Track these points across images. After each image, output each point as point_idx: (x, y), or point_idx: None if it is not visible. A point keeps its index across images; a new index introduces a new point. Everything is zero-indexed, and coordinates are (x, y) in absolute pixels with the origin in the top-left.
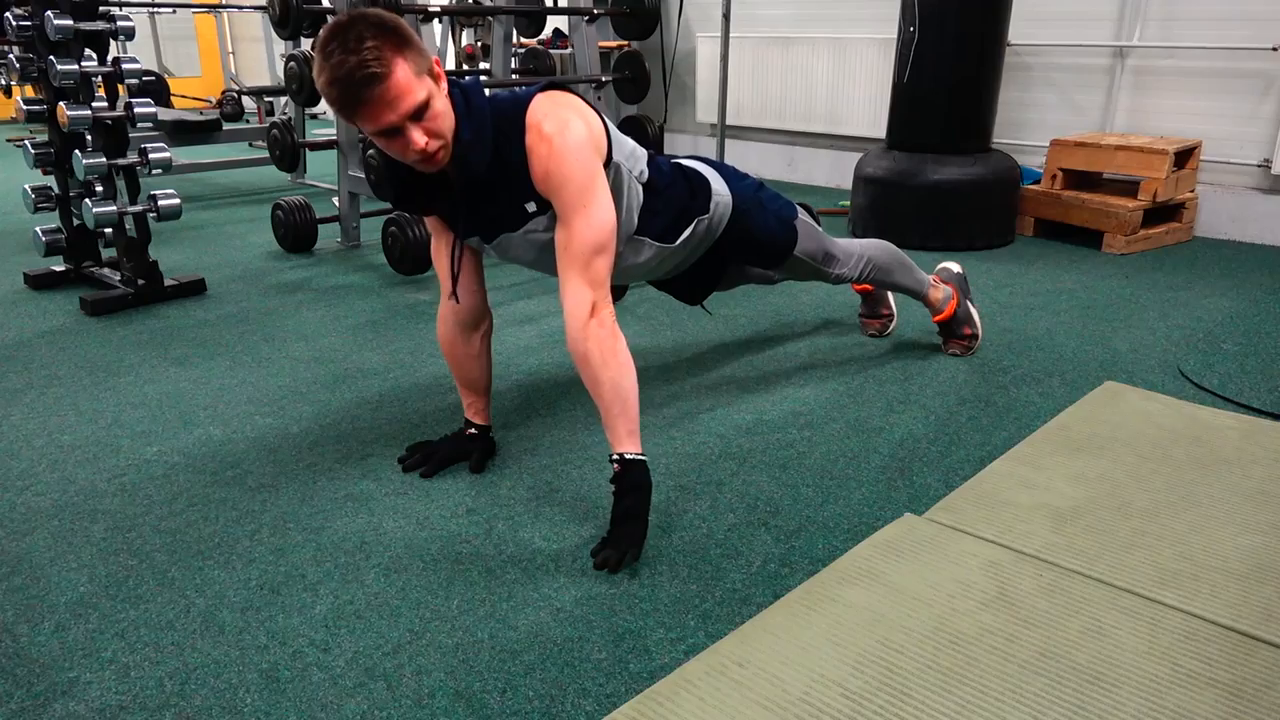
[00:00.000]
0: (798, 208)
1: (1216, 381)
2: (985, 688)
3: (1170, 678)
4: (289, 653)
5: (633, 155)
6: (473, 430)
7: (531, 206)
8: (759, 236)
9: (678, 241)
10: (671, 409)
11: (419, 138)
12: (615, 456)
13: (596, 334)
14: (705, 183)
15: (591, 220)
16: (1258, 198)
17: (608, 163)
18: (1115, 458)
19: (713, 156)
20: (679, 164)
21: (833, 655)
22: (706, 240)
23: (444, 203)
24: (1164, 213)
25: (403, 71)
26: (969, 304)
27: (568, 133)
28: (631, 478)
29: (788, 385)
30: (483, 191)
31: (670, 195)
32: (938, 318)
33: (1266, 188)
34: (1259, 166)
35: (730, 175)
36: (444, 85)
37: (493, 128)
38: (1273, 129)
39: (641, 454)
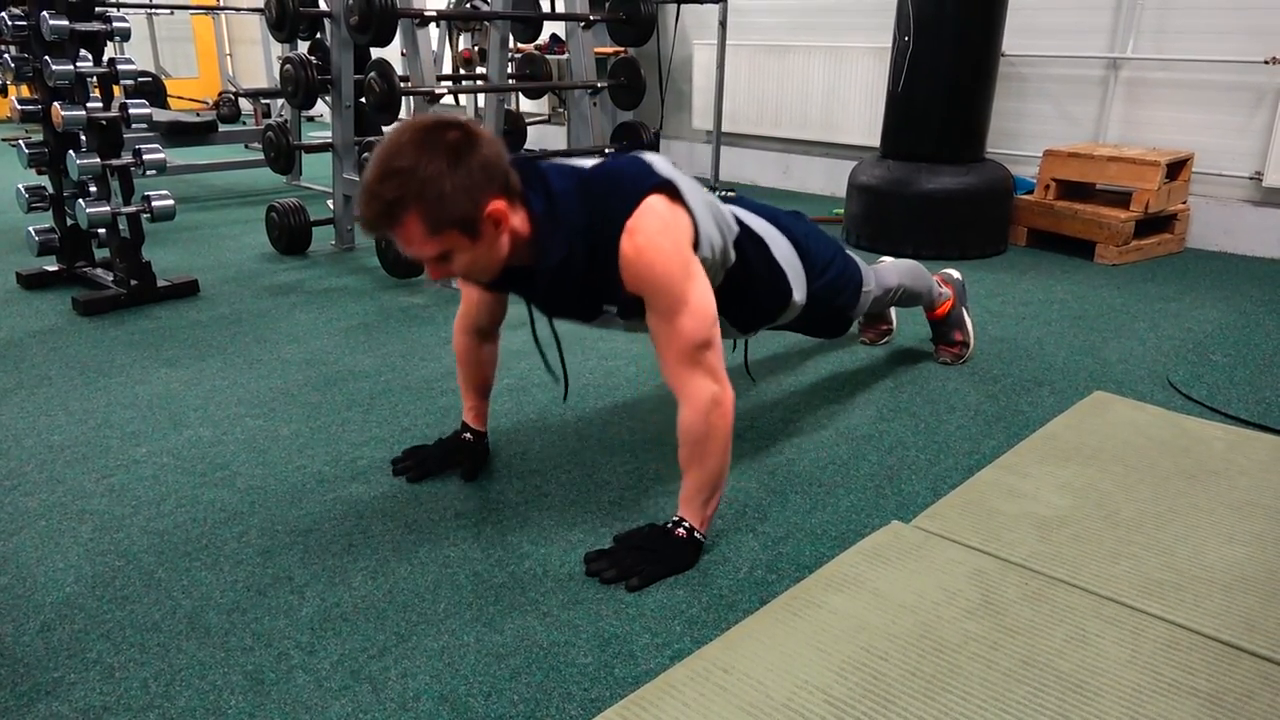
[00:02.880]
0: (863, 278)
1: (1205, 392)
2: (968, 695)
3: (1152, 687)
4: (274, 655)
5: (724, 251)
6: (468, 435)
7: (612, 309)
8: (813, 328)
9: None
10: (661, 415)
11: (433, 271)
12: (687, 524)
13: (720, 424)
14: (787, 291)
15: (694, 315)
16: (1249, 210)
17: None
18: (1103, 467)
19: (709, 164)
20: (770, 257)
21: (817, 661)
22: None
23: (514, 284)
24: (1156, 224)
25: (414, 228)
26: (964, 311)
27: (659, 239)
28: (688, 547)
29: (778, 392)
30: (564, 290)
31: (748, 291)
32: (931, 314)
33: (1258, 200)
34: (1251, 179)
35: (814, 261)
36: (509, 221)
37: (587, 234)
38: (1265, 141)
39: (706, 538)
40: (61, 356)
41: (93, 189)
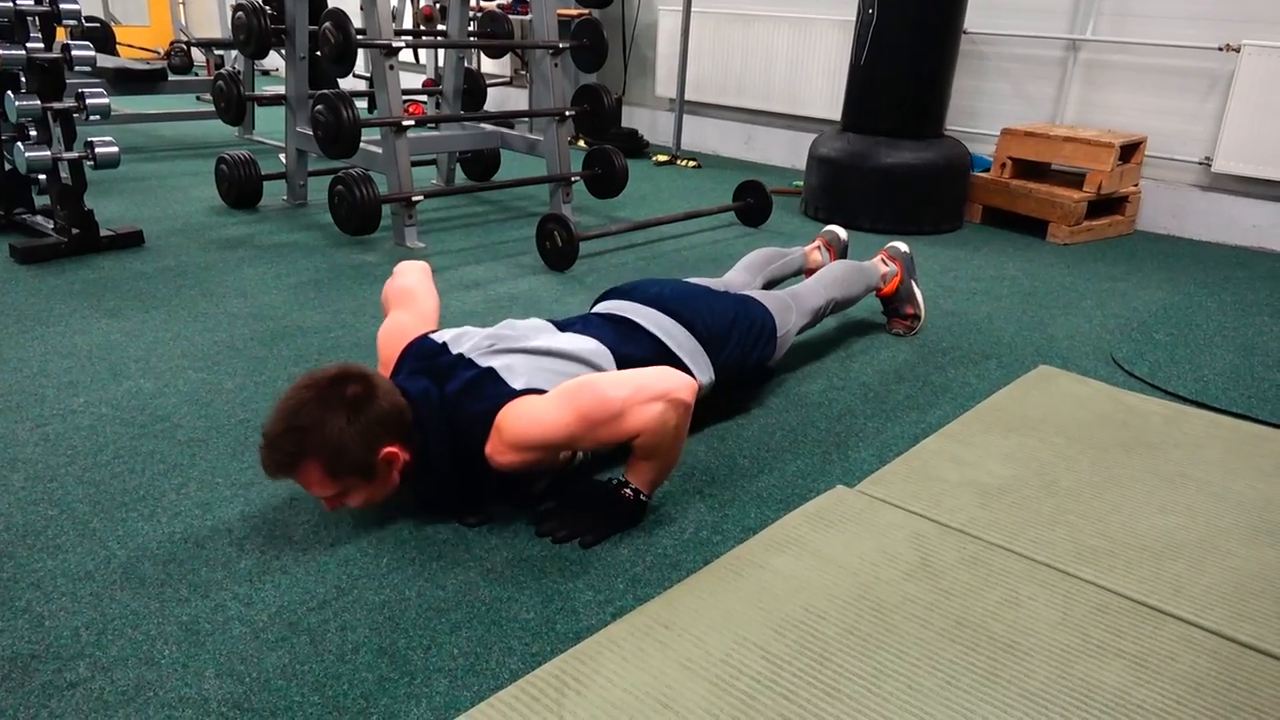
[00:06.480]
0: (776, 323)
1: (1146, 369)
2: (903, 653)
3: (1080, 648)
4: (211, 606)
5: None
6: None
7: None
8: (736, 386)
9: None
10: None
11: (329, 504)
12: (633, 487)
13: (672, 417)
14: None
15: (601, 406)
16: (1197, 194)
17: None
18: (1044, 438)
19: (672, 132)
20: (669, 352)
21: (756, 619)
22: None
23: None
24: (1108, 205)
25: (313, 474)
26: (913, 284)
27: (522, 425)
28: (636, 508)
29: None
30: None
31: None
32: (880, 292)
33: (1206, 185)
34: (1200, 164)
35: (715, 340)
36: (397, 467)
37: (451, 458)
38: (1215, 127)
39: (651, 499)
40: None
41: (32, 133)
